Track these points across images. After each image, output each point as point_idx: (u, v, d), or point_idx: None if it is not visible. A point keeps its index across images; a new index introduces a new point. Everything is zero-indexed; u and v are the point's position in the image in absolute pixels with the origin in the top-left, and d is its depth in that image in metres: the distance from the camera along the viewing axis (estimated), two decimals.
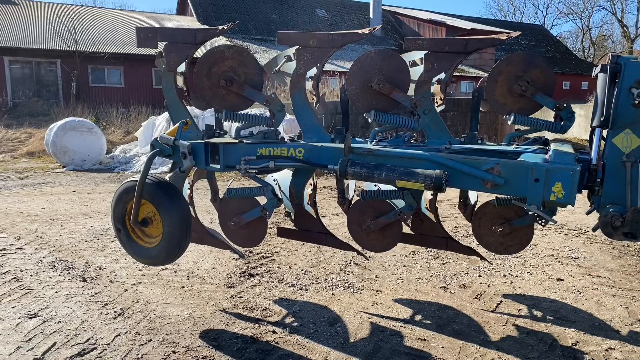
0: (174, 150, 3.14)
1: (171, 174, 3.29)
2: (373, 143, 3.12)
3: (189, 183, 3.72)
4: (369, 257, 4.71)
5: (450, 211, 6.73)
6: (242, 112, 3.26)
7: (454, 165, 2.77)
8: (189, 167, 3.12)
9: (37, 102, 20.81)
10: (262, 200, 3.32)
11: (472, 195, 3.59)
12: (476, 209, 3.33)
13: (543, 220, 2.97)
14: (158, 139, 3.14)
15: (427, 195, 3.51)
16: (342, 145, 2.95)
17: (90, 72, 22.63)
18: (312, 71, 3.40)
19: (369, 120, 3.04)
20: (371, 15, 33.75)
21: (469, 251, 3.49)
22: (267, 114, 3.24)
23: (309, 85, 3.51)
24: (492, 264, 3.58)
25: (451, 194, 3.34)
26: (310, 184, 3.57)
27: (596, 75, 2.93)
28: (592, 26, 53.53)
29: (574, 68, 37.20)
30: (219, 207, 3.67)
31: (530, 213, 3.00)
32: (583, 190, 2.87)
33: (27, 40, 21.91)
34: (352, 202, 3.49)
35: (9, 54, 21.27)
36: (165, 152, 3.15)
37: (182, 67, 3.45)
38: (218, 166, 3.09)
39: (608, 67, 2.81)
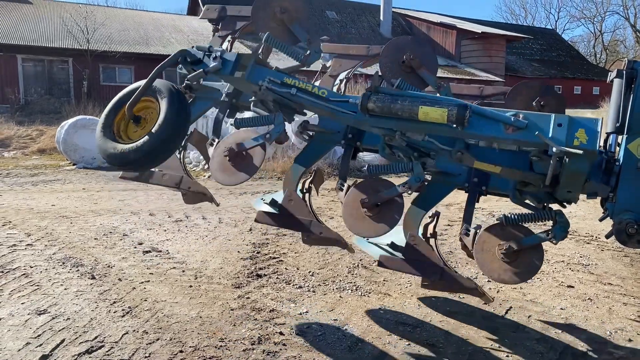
0: (204, 57, 3.11)
1: (192, 75, 3.17)
2: None
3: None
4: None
5: (460, 215, 6.68)
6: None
7: (478, 109, 2.70)
8: (215, 68, 3.06)
9: (48, 99, 21.00)
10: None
11: (475, 221, 3.39)
12: (480, 232, 3.04)
13: (554, 238, 2.86)
14: (192, 46, 3.17)
15: (425, 219, 3.35)
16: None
17: (101, 70, 22.79)
18: (342, 75, 3.54)
19: (393, 87, 2.99)
20: (381, 18, 33.69)
21: (467, 283, 3.06)
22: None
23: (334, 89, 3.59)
24: (492, 300, 3.24)
25: (460, 198, 3.29)
26: (310, 173, 3.53)
27: (611, 81, 2.90)
28: (604, 31, 52.62)
29: (585, 73, 36.88)
30: (216, 145, 3.46)
31: (539, 234, 2.88)
32: (597, 198, 2.83)
33: (40, 38, 22.13)
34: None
35: (22, 52, 21.49)
36: (195, 57, 3.10)
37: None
38: (242, 73, 3.06)
39: (624, 72, 2.78)
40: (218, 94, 3.43)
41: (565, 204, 2.89)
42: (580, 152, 2.53)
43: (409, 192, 2.95)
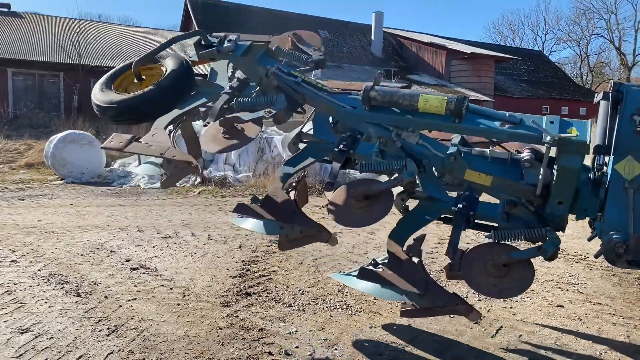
0: (218, 44, 3.34)
1: (205, 51, 3.36)
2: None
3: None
4: None
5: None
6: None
7: (475, 107, 2.85)
8: (228, 49, 3.26)
9: (38, 113, 20.84)
10: None
11: (465, 239, 3.36)
12: (468, 250, 2.98)
13: (545, 253, 2.86)
14: (209, 34, 3.40)
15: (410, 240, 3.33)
16: None
17: (92, 85, 22.68)
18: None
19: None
20: (372, 37, 34.17)
21: (453, 300, 2.92)
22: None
23: None
24: (482, 317, 3.12)
25: None
26: (303, 172, 3.56)
27: (598, 102, 2.96)
28: (590, 53, 53.78)
29: (572, 94, 37.57)
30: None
31: (532, 246, 2.89)
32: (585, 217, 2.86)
33: (31, 52, 22.08)
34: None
35: (12, 66, 21.40)
36: (210, 41, 3.33)
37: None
38: (254, 58, 3.26)
39: (610, 94, 2.84)
40: (219, 90, 3.50)
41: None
42: (574, 135, 2.66)
43: (401, 185, 2.95)
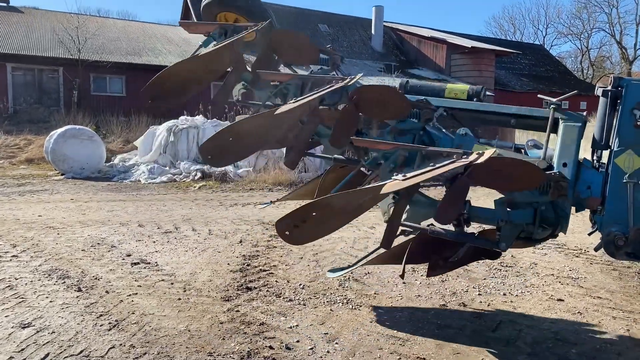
0: None
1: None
2: None
3: None
4: (368, 273, 4.67)
5: None
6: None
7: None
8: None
9: (38, 109, 20.78)
10: None
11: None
12: None
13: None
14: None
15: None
16: None
17: (92, 80, 22.64)
18: None
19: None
20: (373, 32, 34.05)
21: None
22: None
23: None
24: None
25: None
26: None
27: (599, 95, 2.97)
28: (591, 47, 53.50)
29: (572, 88, 37.42)
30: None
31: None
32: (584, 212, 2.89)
33: (30, 47, 22.00)
34: None
35: (12, 61, 21.33)
36: None
37: None
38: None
39: (610, 88, 2.85)
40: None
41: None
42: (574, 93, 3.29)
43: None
